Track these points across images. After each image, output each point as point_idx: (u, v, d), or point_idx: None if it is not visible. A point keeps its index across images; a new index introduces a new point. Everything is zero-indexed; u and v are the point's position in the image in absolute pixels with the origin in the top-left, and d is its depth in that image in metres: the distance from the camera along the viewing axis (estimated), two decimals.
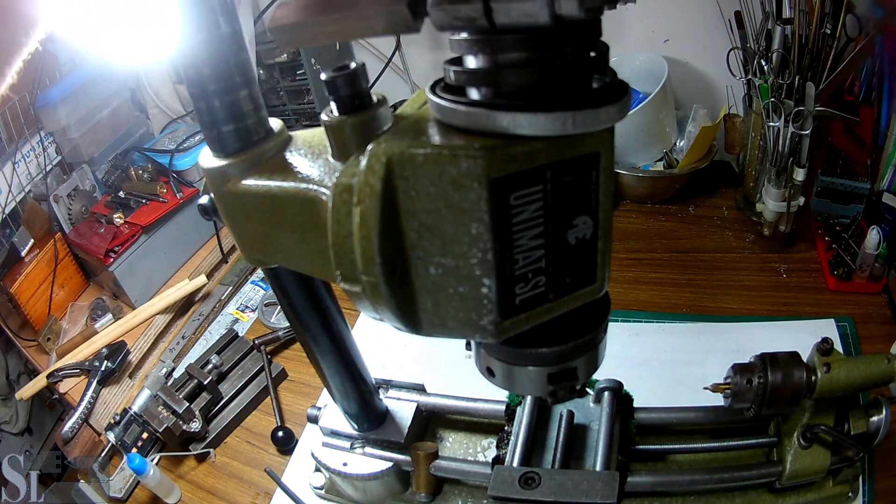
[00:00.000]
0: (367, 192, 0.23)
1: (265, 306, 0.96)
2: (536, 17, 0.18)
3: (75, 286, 1.12)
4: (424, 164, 0.22)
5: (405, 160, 0.22)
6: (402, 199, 0.22)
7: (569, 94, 0.21)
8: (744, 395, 0.47)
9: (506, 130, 0.21)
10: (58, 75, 1.13)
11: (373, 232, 0.23)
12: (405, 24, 0.20)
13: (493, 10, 0.18)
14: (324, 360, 0.51)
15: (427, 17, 0.20)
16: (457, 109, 0.22)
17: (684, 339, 0.75)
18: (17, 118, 1.07)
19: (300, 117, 1.19)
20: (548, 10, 0.17)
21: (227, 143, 0.33)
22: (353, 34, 0.22)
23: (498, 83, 0.22)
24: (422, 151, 0.22)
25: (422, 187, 0.22)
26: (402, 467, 0.59)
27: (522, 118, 0.20)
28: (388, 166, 0.22)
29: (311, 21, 0.22)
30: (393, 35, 0.28)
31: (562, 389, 0.31)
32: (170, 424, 0.73)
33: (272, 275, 0.44)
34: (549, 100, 0.20)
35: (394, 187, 0.22)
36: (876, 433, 0.47)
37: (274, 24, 0.23)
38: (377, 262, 0.23)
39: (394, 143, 0.23)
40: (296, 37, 0.24)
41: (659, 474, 0.54)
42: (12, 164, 1.06)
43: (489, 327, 0.24)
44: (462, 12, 0.19)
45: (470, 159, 0.21)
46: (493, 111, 0.21)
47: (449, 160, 0.21)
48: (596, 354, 0.31)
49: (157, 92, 1.25)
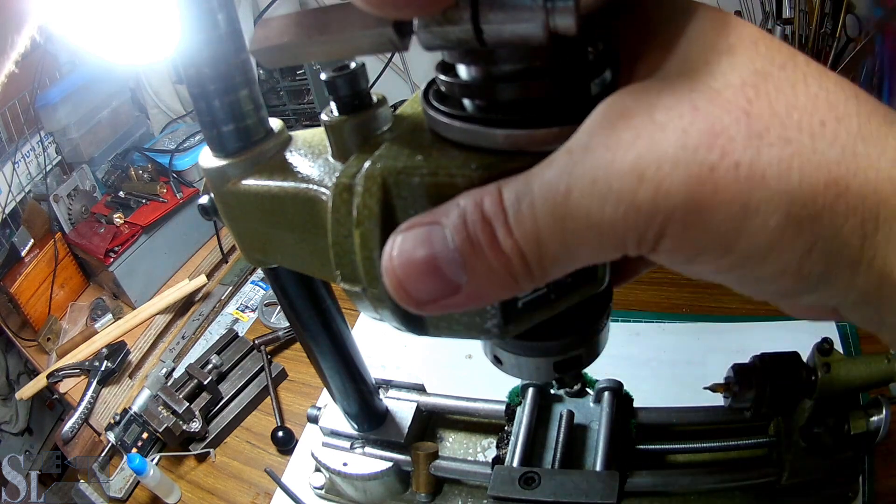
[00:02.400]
0: (366, 215, 0.22)
1: (265, 306, 0.96)
2: (530, 37, 0.17)
3: (75, 286, 1.12)
4: (420, 186, 0.21)
5: (401, 182, 0.22)
6: (402, 217, 0.22)
7: (566, 106, 0.20)
8: (744, 395, 0.47)
9: (502, 147, 0.20)
10: (58, 75, 1.13)
11: (374, 253, 0.22)
12: (392, 44, 0.20)
13: (483, 31, 0.18)
14: (324, 360, 0.51)
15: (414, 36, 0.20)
16: (451, 125, 0.21)
17: (684, 339, 0.75)
18: (17, 118, 1.07)
19: (300, 117, 1.19)
20: (542, 28, 0.17)
21: (227, 143, 0.33)
22: (338, 55, 0.22)
23: (490, 98, 0.21)
24: (417, 173, 0.21)
25: (420, 206, 0.22)
26: (402, 467, 0.59)
27: (518, 135, 0.20)
28: (385, 188, 0.22)
29: (295, 43, 0.22)
30: (380, 54, 0.28)
31: (567, 376, 0.32)
32: (170, 424, 0.73)
33: (272, 275, 0.44)
34: (546, 114, 0.20)
35: (392, 207, 0.22)
36: (876, 433, 0.47)
37: (256, 47, 0.23)
38: (382, 281, 0.23)
39: (389, 162, 0.22)
40: (280, 58, 0.23)
41: (659, 474, 0.54)
42: (12, 164, 1.06)
43: (493, 330, 0.24)
44: (451, 35, 0.18)
45: (466, 178, 0.20)
46: (488, 128, 0.20)
47: (445, 181, 0.21)
48: (599, 341, 0.31)
49: (157, 92, 1.25)
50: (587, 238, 0.18)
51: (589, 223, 0.17)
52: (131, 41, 0.31)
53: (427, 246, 0.19)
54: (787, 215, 0.17)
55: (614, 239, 0.17)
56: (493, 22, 0.17)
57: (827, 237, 0.17)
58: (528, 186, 0.18)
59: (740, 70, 0.17)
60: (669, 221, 0.17)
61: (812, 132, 0.17)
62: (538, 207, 0.18)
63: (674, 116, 0.17)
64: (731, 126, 0.16)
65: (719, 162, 0.16)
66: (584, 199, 0.17)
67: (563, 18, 0.16)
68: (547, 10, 0.16)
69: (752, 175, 0.16)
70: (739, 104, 0.17)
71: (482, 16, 0.17)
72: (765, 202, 0.16)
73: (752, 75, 0.17)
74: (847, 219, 0.17)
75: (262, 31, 0.23)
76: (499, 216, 0.18)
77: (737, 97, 0.17)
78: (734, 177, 0.16)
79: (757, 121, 0.17)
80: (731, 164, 0.16)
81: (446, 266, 0.19)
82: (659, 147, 0.16)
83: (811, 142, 0.17)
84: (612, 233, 0.17)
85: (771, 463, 0.52)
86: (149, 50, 0.31)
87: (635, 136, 0.17)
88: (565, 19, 0.16)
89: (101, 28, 0.31)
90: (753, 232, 0.17)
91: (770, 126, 0.17)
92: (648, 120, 0.17)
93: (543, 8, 0.16)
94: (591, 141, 0.17)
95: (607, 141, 0.17)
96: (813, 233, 0.17)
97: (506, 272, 0.19)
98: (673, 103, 0.17)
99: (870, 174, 0.17)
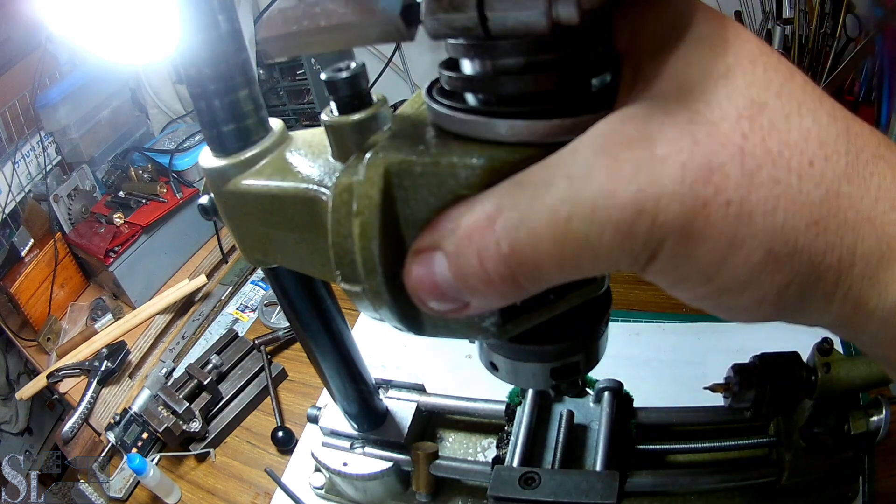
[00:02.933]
0: (367, 204, 0.22)
1: (265, 306, 0.96)
2: (534, 26, 0.17)
3: (75, 286, 1.12)
4: (422, 176, 0.21)
5: (403, 171, 0.22)
6: (402, 209, 0.22)
7: (567, 99, 0.21)
8: (744, 395, 0.47)
9: (504, 139, 0.21)
10: (58, 75, 1.13)
11: (373, 242, 0.23)
12: (398, 33, 0.20)
13: (488, 18, 0.18)
14: (324, 360, 0.51)
15: (421, 25, 0.20)
16: (453, 117, 0.22)
17: (684, 339, 0.75)
18: (17, 118, 1.08)
19: (300, 117, 1.19)
20: (545, 18, 0.17)
21: (227, 143, 0.33)
22: (345, 44, 0.22)
23: (494, 90, 0.21)
24: (419, 162, 0.21)
25: (421, 197, 0.22)
26: (402, 467, 0.59)
27: (521, 126, 0.20)
28: (386, 177, 0.22)
29: (302, 31, 0.22)
30: (386, 44, 0.28)
31: (565, 383, 0.31)
32: (170, 424, 0.73)
33: (272, 275, 0.44)
34: (548, 106, 0.20)
35: (392, 197, 0.22)
36: (876, 433, 0.47)
37: (263, 35, 0.23)
38: (379, 272, 0.23)
39: (391, 153, 0.22)
40: (287, 47, 0.23)
41: (659, 474, 0.54)
42: (12, 164, 1.06)
43: (492, 329, 0.24)
44: (456, 22, 0.19)
45: (468, 169, 0.20)
46: (490, 119, 0.21)
47: (447, 171, 0.21)
48: (597, 347, 0.31)
49: (157, 92, 1.25)
50: (583, 259, 0.18)
51: (587, 247, 0.18)
52: (131, 41, 0.31)
53: (430, 276, 0.21)
54: (768, 252, 0.18)
55: (609, 260, 0.18)
56: (498, 10, 0.18)
57: (804, 273, 0.18)
58: (529, 213, 0.18)
59: (736, 100, 0.18)
60: (661, 248, 0.18)
61: (800, 172, 0.18)
62: (538, 234, 0.18)
63: (674, 151, 0.17)
64: (727, 163, 0.17)
65: (713, 198, 0.17)
66: (584, 226, 0.18)
67: (565, 7, 0.17)
68: (550, 0, 0.17)
69: (741, 213, 0.17)
70: (735, 140, 0.17)
71: (487, 4, 0.18)
72: (749, 238, 0.17)
73: (748, 107, 0.18)
74: (825, 256, 0.18)
75: (269, 20, 0.23)
76: (490, 249, 0.19)
77: (733, 131, 0.18)
78: (724, 213, 0.17)
79: (750, 159, 0.17)
80: (723, 201, 0.17)
81: (450, 291, 0.20)
82: (659, 181, 0.17)
83: (798, 182, 0.18)
84: (608, 255, 0.18)
85: (771, 463, 0.52)
86: (149, 49, 0.31)
87: (637, 168, 0.17)
88: (567, 8, 0.17)
89: (102, 28, 0.31)
90: (735, 265, 0.18)
91: (762, 165, 0.17)
92: (650, 154, 0.17)
93: None
94: (592, 168, 0.18)
95: (609, 171, 0.18)
96: (791, 269, 0.18)
97: (503, 293, 0.20)
98: (674, 136, 0.18)
99: (850, 214, 0.18)
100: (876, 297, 0.18)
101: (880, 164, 0.19)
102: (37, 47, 1.10)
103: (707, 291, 0.19)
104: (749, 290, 0.19)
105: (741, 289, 0.19)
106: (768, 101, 0.18)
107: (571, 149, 0.19)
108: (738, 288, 0.19)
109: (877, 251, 0.18)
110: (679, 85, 0.18)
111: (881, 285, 0.18)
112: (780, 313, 0.20)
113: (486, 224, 0.19)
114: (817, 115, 0.18)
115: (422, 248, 0.21)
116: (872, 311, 0.19)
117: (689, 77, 0.18)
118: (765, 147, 0.18)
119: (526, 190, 0.19)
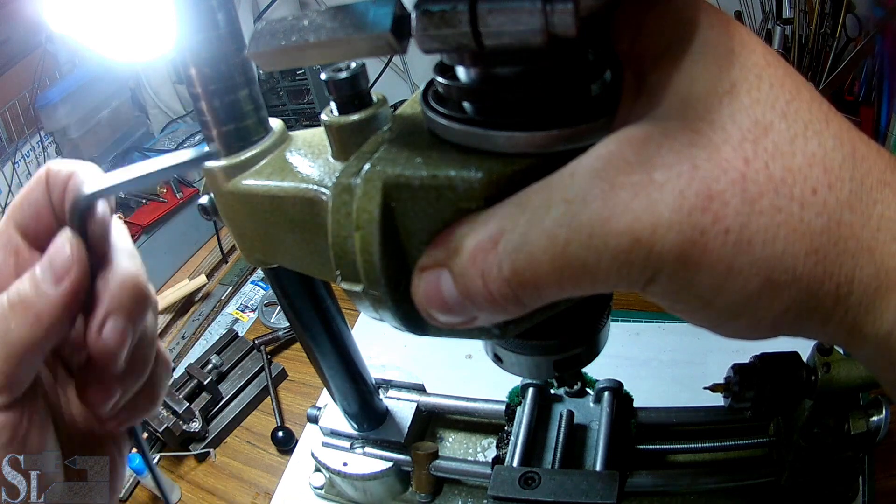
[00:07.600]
0: (366, 219, 0.22)
1: (265, 306, 0.96)
2: (529, 39, 0.17)
3: None
4: (421, 189, 0.21)
5: (401, 185, 0.22)
6: (402, 221, 0.22)
7: (565, 107, 0.20)
8: (744, 395, 0.47)
9: (502, 150, 0.20)
10: (58, 75, 1.13)
11: (374, 256, 0.22)
12: (390, 47, 0.20)
13: (481, 34, 0.18)
14: (324, 360, 0.51)
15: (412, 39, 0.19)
16: (450, 127, 0.21)
17: (684, 339, 0.75)
18: (17, 118, 1.07)
19: (300, 117, 1.19)
20: (541, 31, 0.17)
21: (226, 143, 0.33)
22: (336, 58, 0.22)
23: (490, 101, 0.21)
24: (417, 176, 0.21)
25: (420, 209, 0.21)
26: (402, 467, 0.59)
27: (519, 137, 0.20)
28: (385, 191, 0.22)
29: (293, 47, 0.22)
30: (379, 57, 0.28)
31: (567, 375, 0.32)
32: (170, 424, 0.73)
33: (272, 275, 0.44)
34: (547, 115, 0.20)
35: (392, 210, 0.22)
36: (876, 433, 0.47)
37: (254, 50, 0.23)
38: (381, 283, 0.23)
39: (388, 165, 0.22)
40: (278, 61, 0.23)
41: (659, 474, 0.54)
42: (12, 164, 1.06)
43: (494, 330, 0.24)
44: (449, 38, 0.18)
45: (466, 182, 0.20)
46: (487, 130, 0.20)
47: (445, 184, 0.21)
48: (598, 340, 0.31)
49: (157, 92, 1.25)
50: (582, 281, 0.18)
51: (585, 271, 0.18)
52: (131, 39, 0.31)
53: (438, 293, 0.21)
54: (766, 280, 0.17)
55: (608, 283, 0.18)
56: (492, 25, 0.17)
57: (802, 299, 0.18)
58: (528, 237, 0.18)
59: (741, 121, 0.18)
60: (658, 275, 0.18)
61: (803, 201, 0.17)
62: (538, 257, 0.18)
63: (673, 176, 0.17)
64: (727, 190, 0.17)
65: (711, 227, 0.17)
66: (581, 251, 0.18)
67: (562, 21, 0.16)
68: (546, 13, 0.16)
69: (740, 241, 0.17)
70: (737, 165, 0.17)
71: (480, 19, 0.17)
72: (747, 266, 0.17)
73: (753, 128, 0.17)
74: (823, 283, 0.18)
75: (259, 34, 0.23)
76: (492, 271, 0.19)
77: (735, 156, 0.17)
78: (723, 241, 0.17)
79: (752, 185, 0.17)
80: (722, 229, 0.17)
81: (457, 307, 0.21)
82: (655, 209, 0.17)
83: (800, 211, 0.17)
84: (605, 279, 0.18)
85: (771, 463, 0.52)
86: (149, 48, 0.31)
87: (633, 195, 0.17)
88: (565, 21, 0.16)
89: (102, 26, 0.31)
90: (733, 291, 0.18)
91: (764, 192, 0.17)
92: (647, 179, 0.17)
93: (542, 10, 0.16)
94: (588, 193, 0.18)
95: (605, 197, 0.17)
96: (790, 296, 0.18)
97: (507, 309, 0.20)
98: (673, 161, 0.17)
99: (850, 244, 0.18)
100: (871, 323, 0.18)
101: (885, 190, 0.18)
102: (37, 47, 1.10)
103: (705, 315, 0.19)
104: (746, 315, 0.19)
105: (739, 313, 0.19)
106: (773, 122, 0.18)
107: (570, 171, 0.18)
108: (735, 312, 0.19)
109: (874, 280, 0.18)
110: (682, 101, 0.18)
111: (876, 312, 0.18)
112: (777, 334, 0.20)
113: (490, 246, 0.19)
114: (823, 138, 0.18)
115: (428, 266, 0.21)
116: (867, 336, 0.19)
117: (693, 93, 0.18)
118: (767, 173, 0.17)
119: (526, 213, 0.19)
